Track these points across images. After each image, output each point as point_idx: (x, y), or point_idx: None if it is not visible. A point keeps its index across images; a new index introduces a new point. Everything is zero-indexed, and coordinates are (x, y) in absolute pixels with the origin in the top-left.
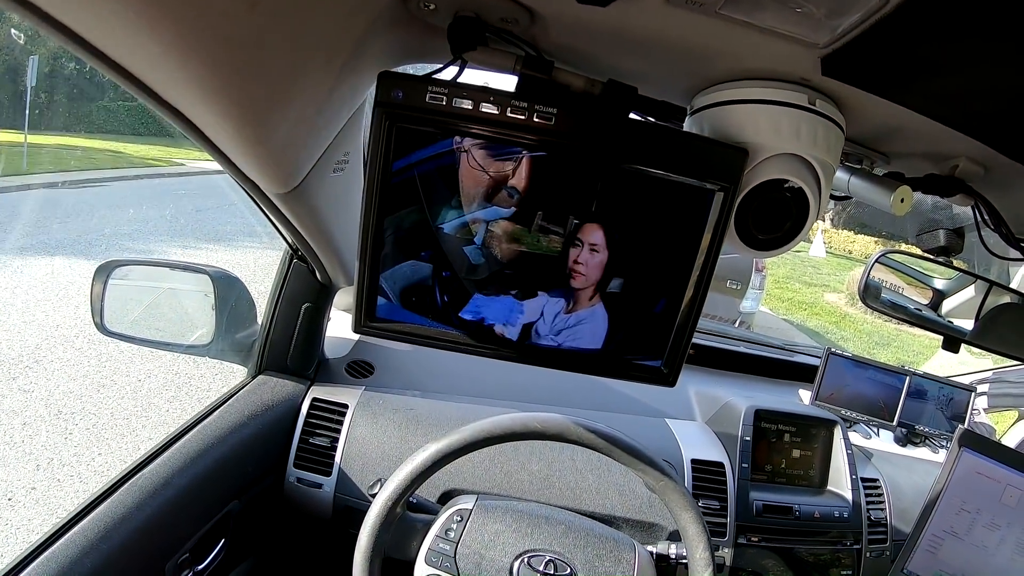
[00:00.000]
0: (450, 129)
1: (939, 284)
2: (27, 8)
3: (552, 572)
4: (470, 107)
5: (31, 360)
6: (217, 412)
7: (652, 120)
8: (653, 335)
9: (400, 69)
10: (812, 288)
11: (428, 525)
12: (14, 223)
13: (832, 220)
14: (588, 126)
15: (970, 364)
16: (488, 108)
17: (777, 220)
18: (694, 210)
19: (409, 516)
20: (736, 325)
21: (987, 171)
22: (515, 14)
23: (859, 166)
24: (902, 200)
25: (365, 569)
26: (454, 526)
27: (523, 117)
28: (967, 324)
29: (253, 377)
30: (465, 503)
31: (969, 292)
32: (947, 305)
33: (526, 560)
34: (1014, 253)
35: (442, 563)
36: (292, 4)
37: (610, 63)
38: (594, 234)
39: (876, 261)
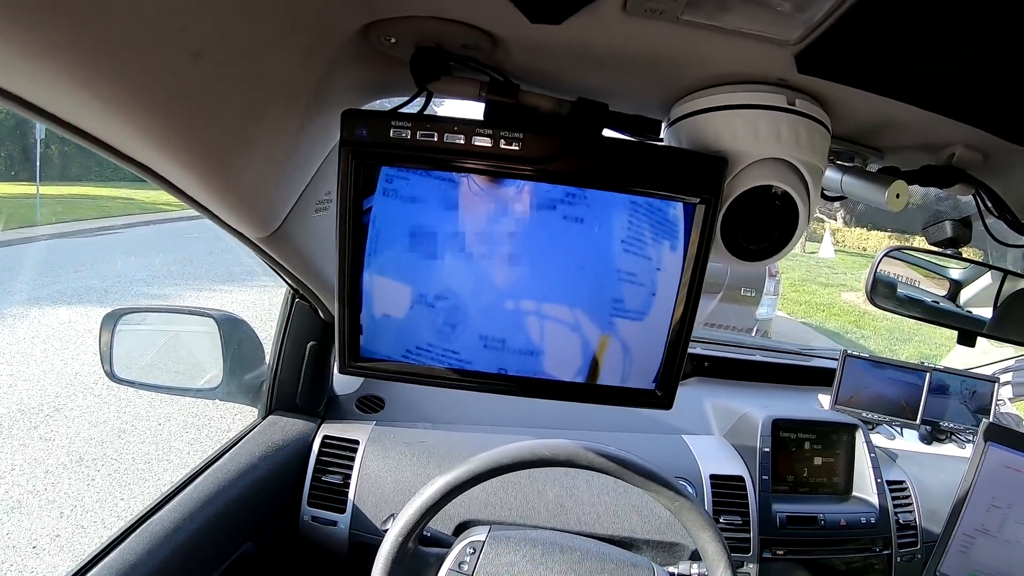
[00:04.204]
0: (418, 163)
1: (955, 274)
2: None
3: None
4: (435, 139)
5: (51, 409)
6: (228, 455)
7: (626, 137)
8: (645, 359)
9: (372, 105)
10: (829, 289)
11: (442, 559)
12: (30, 274)
13: (844, 219)
14: (558, 148)
15: (993, 354)
16: (453, 138)
17: (766, 228)
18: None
19: (422, 551)
20: (753, 333)
21: (986, 157)
22: (476, 40)
23: (851, 164)
24: (897, 195)
25: None
26: (467, 558)
27: (489, 144)
28: (987, 313)
29: (263, 418)
30: (478, 535)
31: (987, 279)
32: (965, 294)
33: None
34: (1022, 239)
35: None
36: (240, 51)
37: (579, 81)
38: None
39: (883, 257)
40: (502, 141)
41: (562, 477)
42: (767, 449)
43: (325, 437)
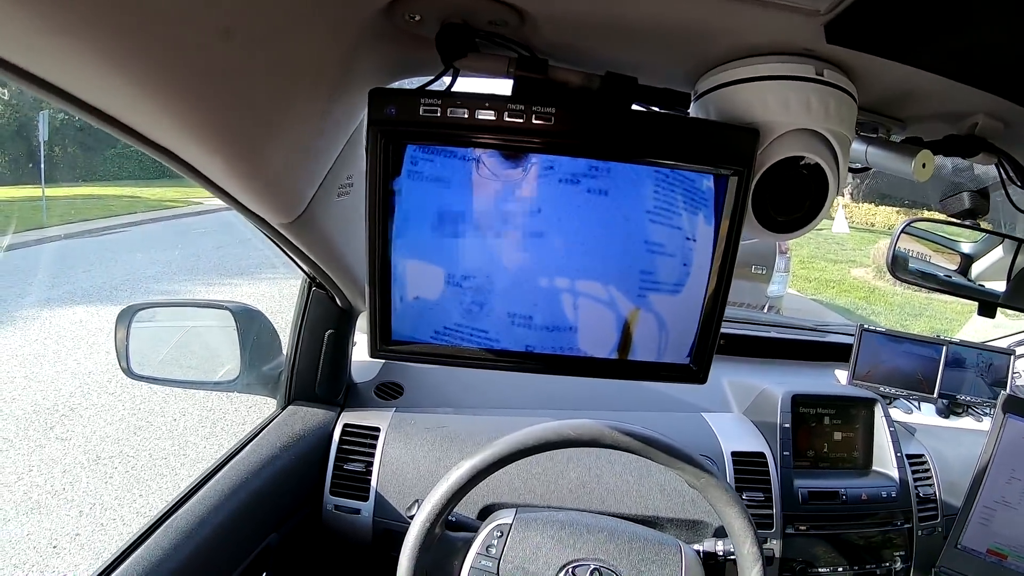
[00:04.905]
0: (448, 141)
1: (966, 248)
2: None
3: None
4: (466, 116)
5: (66, 408)
6: (249, 446)
7: (656, 110)
8: (678, 333)
9: (396, 86)
10: (838, 265)
11: (468, 543)
12: (39, 276)
13: (851, 194)
14: (589, 122)
15: (1007, 327)
16: (485, 115)
17: (796, 200)
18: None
19: (449, 535)
20: (765, 310)
21: (1007, 126)
22: (503, 15)
23: (875, 135)
24: (924, 165)
25: None
26: (495, 542)
27: (522, 120)
28: (999, 286)
29: (283, 408)
30: (505, 517)
31: (998, 253)
32: (976, 268)
33: (571, 571)
34: None
35: None
36: (268, 31)
37: (607, 56)
38: None
39: (902, 231)
40: (534, 116)
41: (584, 458)
42: (787, 425)
43: (346, 425)
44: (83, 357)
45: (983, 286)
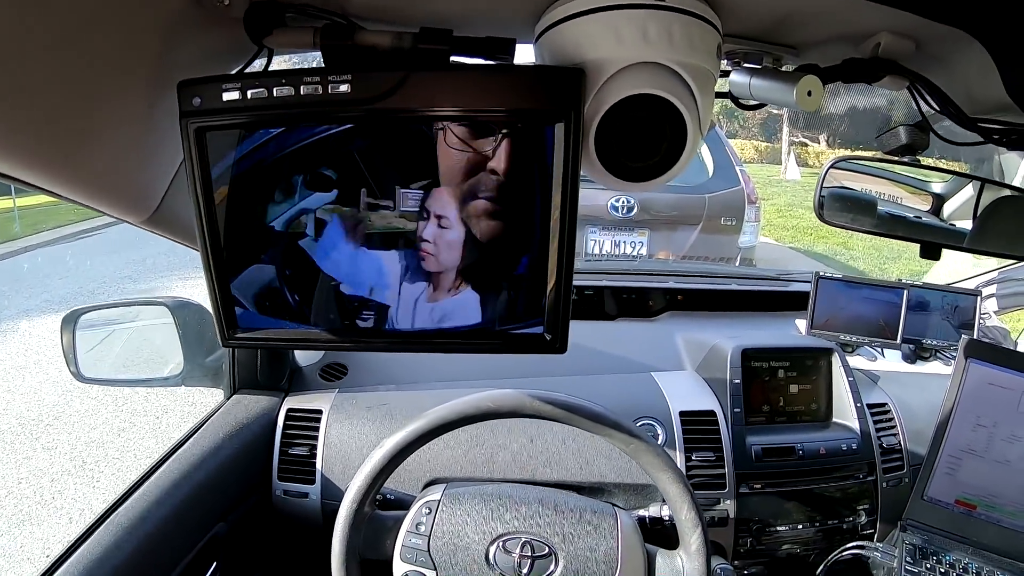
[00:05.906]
0: (254, 123)
1: (937, 188)
2: None
3: (530, 554)
4: (266, 95)
5: (51, 418)
6: (192, 439)
7: (478, 62)
8: (528, 300)
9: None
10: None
11: (400, 521)
12: (15, 288)
13: (827, 140)
14: (393, 83)
15: (985, 266)
16: (283, 91)
17: (651, 144)
18: (538, 148)
19: (379, 515)
20: (737, 262)
21: (918, 45)
22: None
23: (760, 65)
24: (809, 93)
25: (341, 574)
26: (424, 519)
27: (320, 92)
28: (968, 225)
29: (228, 398)
30: (433, 494)
31: (968, 192)
32: (948, 208)
33: (501, 545)
34: (971, 136)
35: (417, 558)
36: (45, 46)
37: (426, 11)
38: (442, 203)
39: (829, 169)
40: (330, 85)
41: (526, 427)
42: (737, 380)
43: (289, 410)
44: (63, 365)
45: (954, 226)
